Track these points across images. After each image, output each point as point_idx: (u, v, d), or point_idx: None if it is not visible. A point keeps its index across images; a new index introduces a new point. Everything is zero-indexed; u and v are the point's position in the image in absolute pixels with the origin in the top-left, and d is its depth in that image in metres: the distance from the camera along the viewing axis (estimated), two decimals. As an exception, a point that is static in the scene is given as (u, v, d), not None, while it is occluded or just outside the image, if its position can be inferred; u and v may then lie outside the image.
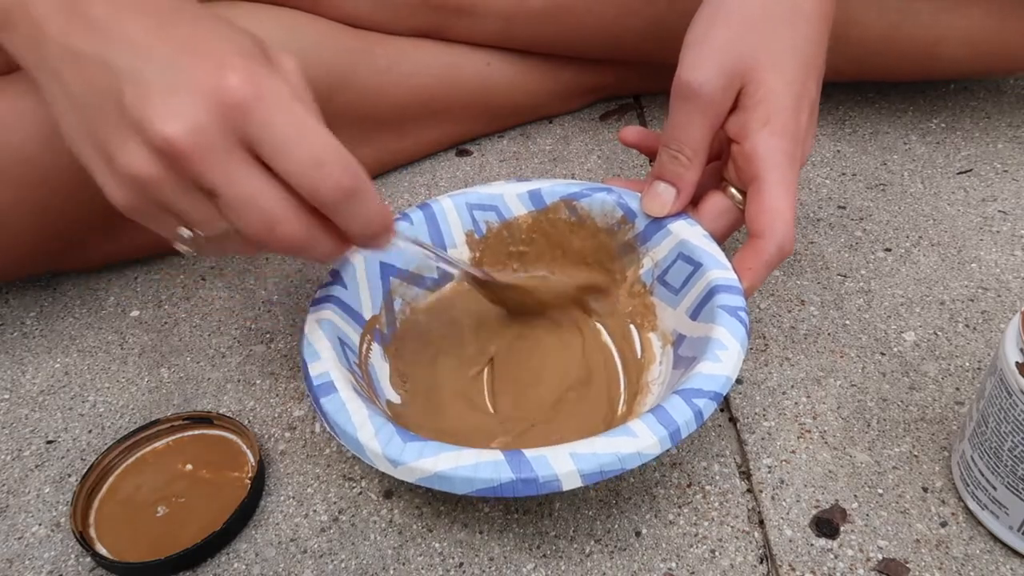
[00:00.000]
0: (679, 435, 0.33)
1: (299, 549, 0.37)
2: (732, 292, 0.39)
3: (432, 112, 0.61)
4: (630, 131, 0.50)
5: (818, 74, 0.43)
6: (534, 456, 0.32)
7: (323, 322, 0.40)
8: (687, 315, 0.41)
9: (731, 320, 0.37)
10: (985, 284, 0.48)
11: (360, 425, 0.34)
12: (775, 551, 0.35)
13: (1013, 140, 0.60)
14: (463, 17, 0.59)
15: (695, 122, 0.41)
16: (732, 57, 0.40)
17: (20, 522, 0.40)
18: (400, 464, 0.33)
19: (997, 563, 0.34)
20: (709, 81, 0.40)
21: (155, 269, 0.56)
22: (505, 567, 0.36)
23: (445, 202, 0.47)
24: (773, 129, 0.40)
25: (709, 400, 0.34)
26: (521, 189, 0.47)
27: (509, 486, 0.32)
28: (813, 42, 0.42)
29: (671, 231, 0.43)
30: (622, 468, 0.32)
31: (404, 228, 0.45)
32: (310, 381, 0.37)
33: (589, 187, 0.46)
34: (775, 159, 0.40)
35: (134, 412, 0.45)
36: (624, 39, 0.60)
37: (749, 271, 0.40)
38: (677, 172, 0.43)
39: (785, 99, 0.40)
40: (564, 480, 0.32)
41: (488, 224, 0.47)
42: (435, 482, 0.33)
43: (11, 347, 0.51)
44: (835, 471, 0.38)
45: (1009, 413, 0.32)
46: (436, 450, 0.33)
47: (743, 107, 0.41)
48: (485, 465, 0.32)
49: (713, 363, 0.36)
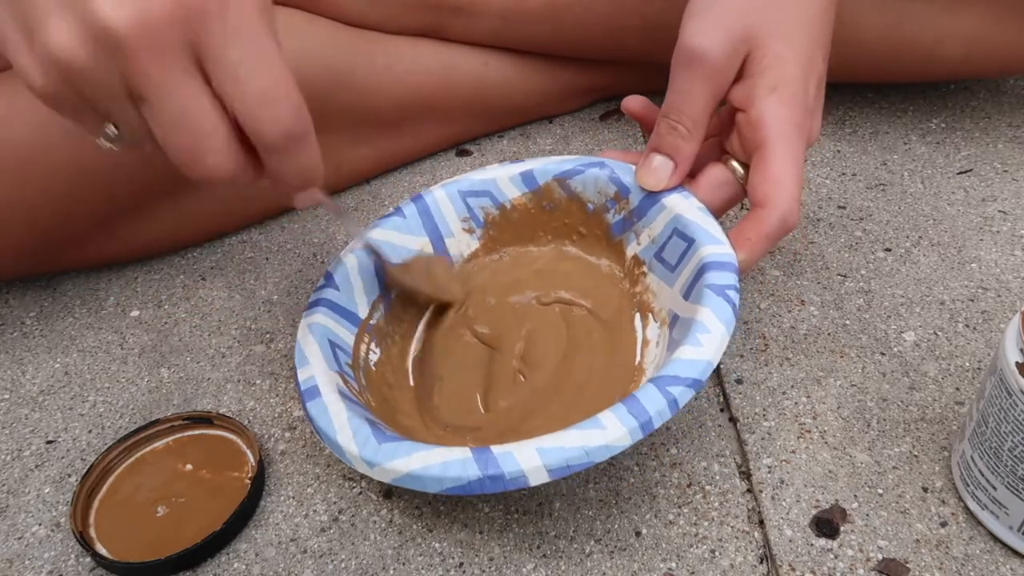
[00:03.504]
0: (651, 426, 0.32)
1: (299, 549, 0.37)
2: (723, 269, 0.37)
3: (430, 112, 0.61)
4: (635, 100, 0.47)
5: (825, 49, 0.41)
6: (501, 452, 0.32)
7: (313, 326, 0.40)
8: (681, 295, 0.40)
9: (717, 300, 0.36)
10: (985, 284, 0.48)
11: (340, 428, 0.35)
12: (775, 551, 0.35)
13: (1013, 140, 0.60)
14: (461, 16, 0.59)
15: (697, 90, 0.39)
16: (738, 23, 0.38)
17: (20, 522, 0.40)
18: (375, 465, 0.33)
19: (997, 563, 0.34)
20: (715, 47, 0.38)
21: (155, 269, 0.56)
22: (505, 567, 0.36)
23: (437, 192, 0.47)
24: (781, 97, 0.38)
25: (686, 388, 0.33)
26: (513, 171, 0.46)
27: (477, 483, 0.32)
28: (820, 20, 0.40)
29: (665, 205, 0.42)
30: (590, 462, 0.31)
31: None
32: (298, 386, 0.38)
33: (582, 162, 0.45)
34: (782, 127, 0.38)
35: (134, 412, 0.45)
36: (622, 39, 0.60)
37: (748, 242, 0.38)
38: (675, 144, 0.41)
39: (794, 67, 0.39)
40: (530, 476, 0.31)
41: (484, 209, 0.47)
42: (408, 482, 0.33)
43: (11, 347, 0.51)
44: (835, 471, 0.38)
45: (1009, 413, 0.32)
46: (408, 450, 0.33)
47: (749, 73, 0.39)
48: (453, 464, 0.32)
49: (694, 348, 0.34)
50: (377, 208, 0.59)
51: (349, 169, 0.60)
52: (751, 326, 0.46)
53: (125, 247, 0.54)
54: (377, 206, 0.59)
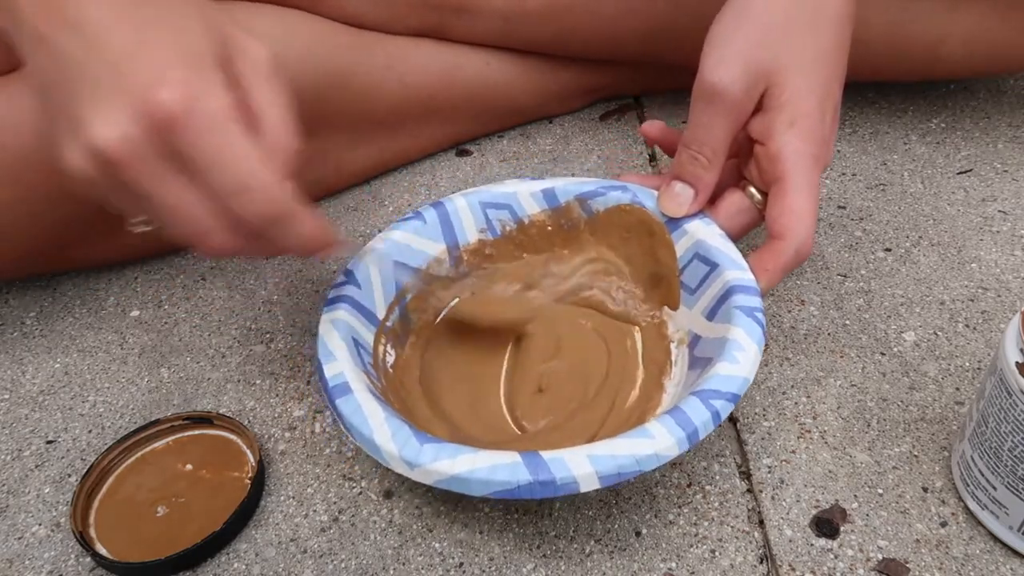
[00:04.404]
0: (697, 436, 0.33)
1: (299, 549, 0.37)
2: (749, 293, 0.39)
3: (431, 112, 0.61)
4: (653, 126, 0.49)
5: (840, 77, 0.43)
6: (551, 458, 0.32)
7: (337, 322, 0.40)
8: (703, 316, 0.41)
9: (748, 321, 0.37)
10: (985, 284, 0.48)
11: (377, 427, 0.34)
12: (775, 551, 0.35)
13: (1013, 140, 0.60)
14: (462, 16, 0.59)
15: (717, 124, 0.41)
16: (756, 59, 0.40)
17: (20, 522, 0.40)
18: (417, 466, 0.33)
19: (997, 563, 0.34)
20: (734, 83, 0.40)
21: (155, 269, 0.56)
22: (505, 567, 0.36)
23: (459, 201, 0.47)
24: (799, 132, 0.40)
25: (727, 401, 0.34)
26: (535, 188, 0.47)
27: (527, 488, 0.32)
28: (836, 45, 0.42)
29: (687, 231, 0.43)
30: (639, 470, 0.32)
31: (349, 242, 0.43)
32: (325, 382, 0.37)
33: (603, 185, 0.46)
34: (800, 162, 0.40)
35: (134, 412, 0.45)
36: (624, 39, 0.60)
37: (766, 272, 0.40)
38: (696, 173, 0.42)
39: (810, 102, 0.40)
40: (582, 482, 0.32)
41: (503, 222, 0.47)
42: (452, 484, 0.32)
43: (11, 347, 0.51)
44: (835, 471, 0.38)
45: (1009, 413, 0.32)
46: (453, 452, 0.33)
47: (768, 108, 0.41)
48: (502, 467, 0.32)
49: (731, 364, 0.35)
50: (377, 208, 0.59)
51: (349, 169, 0.60)
52: (751, 326, 0.46)
53: (125, 247, 0.54)
54: (377, 206, 0.59)
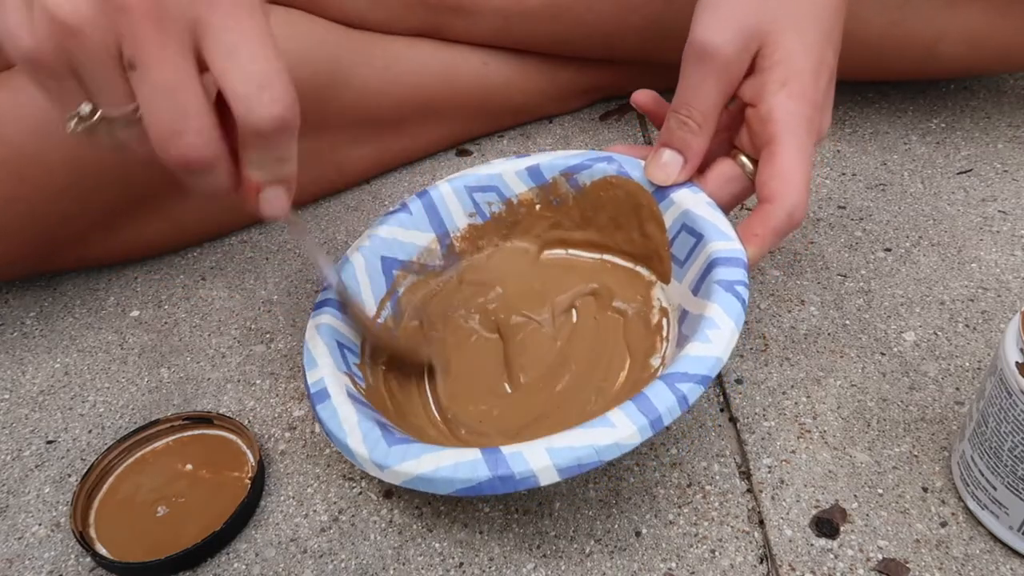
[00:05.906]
0: (660, 423, 0.32)
1: (299, 549, 0.37)
2: (732, 265, 0.37)
3: (430, 112, 0.61)
4: (645, 94, 0.47)
5: (835, 47, 0.41)
6: (511, 453, 0.32)
7: (321, 327, 0.40)
8: (690, 290, 0.40)
9: (726, 296, 0.36)
10: (985, 284, 0.48)
11: (350, 431, 0.35)
12: (775, 551, 0.35)
13: (1013, 140, 0.60)
14: (461, 16, 0.59)
15: (708, 85, 0.39)
16: (750, 18, 0.38)
17: (20, 522, 0.40)
18: (386, 467, 0.33)
19: (997, 563, 0.34)
20: (726, 43, 0.38)
21: (155, 269, 0.56)
22: (505, 567, 0.36)
23: (443, 187, 0.46)
24: (791, 92, 0.38)
25: (696, 384, 0.33)
26: (520, 166, 0.46)
27: (488, 484, 0.32)
28: (831, 15, 0.40)
29: (674, 200, 0.41)
30: (600, 460, 0.31)
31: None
32: (308, 389, 0.38)
33: (589, 157, 0.45)
34: (792, 122, 0.38)
35: (134, 412, 0.45)
36: (623, 38, 0.60)
37: (755, 237, 0.38)
38: (685, 139, 0.41)
39: (805, 62, 0.39)
40: (540, 475, 0.31)
41: (491, 204, 0.47)
42: (418, 484, 0.33)
43: (11, 347, 0.51)
44: (835, 471, 0.38)
45: (1009, 413, 0.32)
46: (418, 452, 0.33)
47: (760, 69, 0.39)
48: (464, 465, 0.32)
49: (702, 344, 0.34)
50: (377, 208, 0.59)
51: (349, 169, 0.60)
52: (751, 326, 0.46)
53: (125, 247, 0.54)
54: (377, 206, 0.59)
